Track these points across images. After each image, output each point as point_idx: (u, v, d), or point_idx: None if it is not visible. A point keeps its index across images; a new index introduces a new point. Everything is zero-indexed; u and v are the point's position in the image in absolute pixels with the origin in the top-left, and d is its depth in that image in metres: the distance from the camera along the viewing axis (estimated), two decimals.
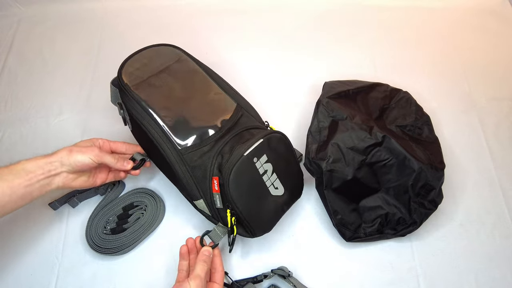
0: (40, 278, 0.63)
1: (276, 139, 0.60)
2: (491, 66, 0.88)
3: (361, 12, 0.96)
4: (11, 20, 0.94)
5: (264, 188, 0.58)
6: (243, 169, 0.56)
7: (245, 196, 0.56)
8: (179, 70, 0.65)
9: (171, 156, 0.59)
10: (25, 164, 0.53)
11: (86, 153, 0.57)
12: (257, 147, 0.57)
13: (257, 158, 0.57)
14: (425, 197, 0.65)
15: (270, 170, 0.58)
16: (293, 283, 0.61)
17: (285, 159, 0.61)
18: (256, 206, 0.58)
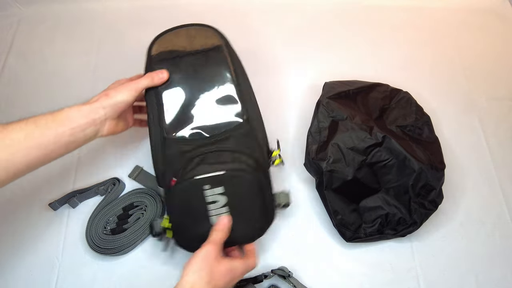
0: (40, 279, 0.63)
1: (245, 180, 0.55)
2: (491, 66, 0.88)
3: (361, 12, 0.96)
4: (11, 20, 0.94)
5: (204, 215, 0.55)
6: (187, 191, 0.55)
7: (180, 213, 0.56)
8: (209, 60, 0.62)
9: (155, 138, 0.59)
10: (68, 112, 0.52)
11: (122, 90, 0.56)
12: (215, 177, 0.54)
13: (210, 186, 0.54)
14: (425, 198, 0.65)
15: (222, 203, 0.55)
16: (293, 283, 0.61)
17: (246, 201, 0.56)
18: (190, 227, 0.57)
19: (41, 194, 0.70)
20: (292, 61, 0.88)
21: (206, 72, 0.61)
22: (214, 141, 0.58)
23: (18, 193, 0.71)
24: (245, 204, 0.56)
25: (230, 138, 0.58)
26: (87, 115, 0.53)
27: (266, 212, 0.58)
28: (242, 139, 0.58)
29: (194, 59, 0.61)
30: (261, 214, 0.58)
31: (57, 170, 0.74)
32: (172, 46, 0.63)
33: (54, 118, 0.51)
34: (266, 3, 0.97)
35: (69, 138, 0.51)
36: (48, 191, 0.70)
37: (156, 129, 0.59)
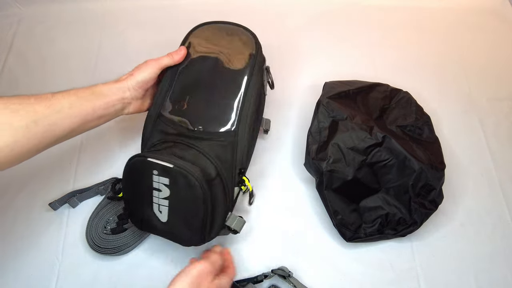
0: (40, 278, 0.63)
1: (189, 184, 0.52)
2: (491, 66, 0.88)
3: (361, 12, 0.96)
4: (11, 20, 0.94)
5: (149, 199, 0.55)
6: (139, 167, 0.54)
7: (131, 186, 0.57)
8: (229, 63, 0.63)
9: (153, 110, 0.62)
10: (102, 88, 0.58)
11: (144, 69, 0.60)
12: (164, 166, 0.52)
13: (158, 173, 0.53)
14: (425, 197, 0.65)
15: (165, 194, 0.54)
16: (293, 283, 0.61)
17: (187, 204, 0.54)
18: (136, 202, 0.58)
19: (41, 194, 0.70)
20: (292, 61, 0.88)
21: (224, 73, 0.63)
22: (193, 136, 0.58)
23: (18, 193, 0.71)
24: (185, 206, 0.54)
25: (209, 141, 0.58)
26: (116, 93, 0.58)
27: (206, 226, 0.55)
28: (218, 147, 0.58)
29: (222, 56, 0.64)
30: (199, 224, 0.54)
31: (57, 170, 0.74)
32: (210, 38, 0.66)
33: (92, 92, 0.57)
34: (266, 3, 0.97)
35: (103, 111, 0.57)
36: (48, 190, 0.70)
37: (159, 101, 0.62)
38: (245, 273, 0.63)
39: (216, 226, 0.56)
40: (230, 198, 0.59)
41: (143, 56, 0.89)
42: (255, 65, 0.63)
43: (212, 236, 0.57)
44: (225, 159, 0.58)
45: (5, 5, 0.95)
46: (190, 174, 0.51)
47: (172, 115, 0.60)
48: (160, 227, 0.57)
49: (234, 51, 0.64)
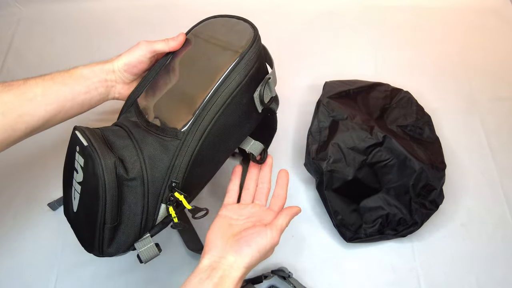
0: (39, 278, 0.63)
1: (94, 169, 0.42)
2: (492, 66, 0.88)
3: (361, 12, 0.96)
4: (11, 20, 0.94)
5: (70, 179, 0.48)
6: (71, 140, 0.49)
7: (66, 159, 0.51)
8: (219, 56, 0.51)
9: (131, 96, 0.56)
10: (83, 70, 0.53)
11: (135, 51, 0.55)
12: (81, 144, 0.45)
13: (78, 150, 0.45)
14: (426, 198, 0.64)
15: (79, 178, 0.46)
16: (293, 284, 0.61)
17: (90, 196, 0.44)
18: (64, 182, 0.52)
19: (40, 194, 0.70)
20: (292, 61, 0.88)
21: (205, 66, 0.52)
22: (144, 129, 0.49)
23: (17, 193, 0.71)
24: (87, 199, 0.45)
25: (153, 136, 0.48)
26: (99, 74, 0.53)
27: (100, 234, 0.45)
28: (157, 145, 0.47)
29: (212, 49, 0.53)
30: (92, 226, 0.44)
31: (56, 170, 0.73)
32: (210, 30, 0.57)
33: (70, 75, 0.51)
34: (266, 3, 0.97)
35: (84, 96, 0.52)
36: (47, 191, 0.70)
37: (138, 88, 0.55)
38: None
39: (120, 239, 0.46)
40: (148, 214, 0.47)
41: None
42: (238, 65, 0.49)
43: (111, 251, 0.46)
44: (159, 162, 0.46)
45: (4, 4, 0.95)
46: (99, 158, 0.42)
47: (142, 104, 0.53)
48: (72, 216, 0.49)
49: (226, 45, 0.52)
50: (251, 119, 0.54)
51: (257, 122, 0.56)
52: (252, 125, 0.55)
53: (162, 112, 0.50)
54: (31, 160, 0.75)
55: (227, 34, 0.55)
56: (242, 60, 0.49)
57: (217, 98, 0.48)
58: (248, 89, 0.51)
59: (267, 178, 0.57)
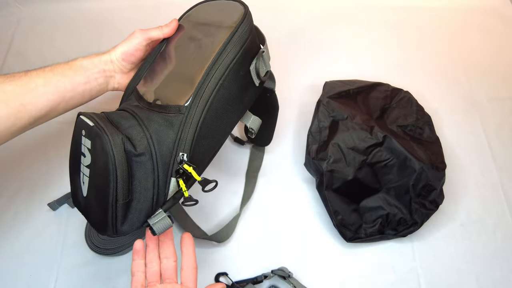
0: (40, 279, 0.63)
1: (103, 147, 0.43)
2: (492, 66, 0.88)
3: (361, 12, 0.96)
4: (11, 20, 0.94)
5: (77, 166, 0.48)
6: (76, 126, 0.49)
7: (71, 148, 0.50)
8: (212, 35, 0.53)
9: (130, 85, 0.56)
10: (82, 61, 0.54)
11: (131, 39, 0.56)
12: (89, 126, 0.45)
13: (84, 133, 0.46)
14: (426, 198, 0.64)
15: (87, 161, 0.46)
16: (293, 284, 0.61)
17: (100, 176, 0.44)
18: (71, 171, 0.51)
19: (40, 194, 0.70)
20: (292, 61, 0.88)
21: (200, 46, 0.53)
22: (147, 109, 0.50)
23: (17, 193, 0.71)
24: (98, 179, 0.45)
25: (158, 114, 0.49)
26: (98, 65, 0.54)
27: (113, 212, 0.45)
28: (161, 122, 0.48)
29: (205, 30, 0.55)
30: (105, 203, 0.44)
31: (56, 170, 0.73)
32: (201, 13, 0.60)
33: (69, 66, 0.53)
34: (266, 3, 0.97)
35: (84, 86, 0.53)
36: (47, 191, 0.70)
37: (137, 76, 0.56)
38: (244, 274, 0.63)
39: (133, 217, 0.46)
40: (159, 188, 0.47)
41: None
42: (231, 38, 0.51)
43: (124, 229, 0.46)
44: (165, 137, 0.47)
45: (4, 4, 0.95)
46: (106, 135, 0.43)
47: (142, 90, 0.54)
48: (82, 202, 0.49)
49: (219, 24, 0.54)
50: (250, 92, 0.56)
51: (255, 97, 0.58)
52: (251, 99, 0.57)
53: (163, 93, 0.51)
54: (31, 160, 0.75)
55: (218, 13, 0.56)
56: (236, 33, 0.51)
57: (215, 71, 0.50)
58: (244, 61, 0.53)
59: (171, 250, 0.49)
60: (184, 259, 0.48)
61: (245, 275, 0.63)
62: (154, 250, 0.50)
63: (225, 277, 0.63)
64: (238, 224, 0.67)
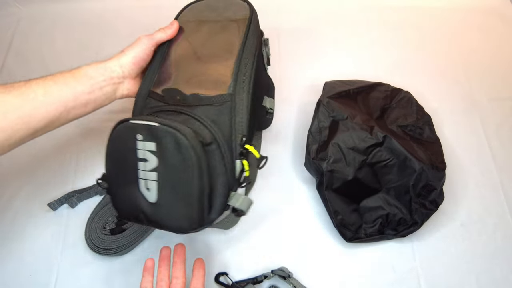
0: (39, 279, 0.63)
1: (179, 145, 0.44)
2: (492, 66, 0.88)
3: (361, 12, 0.96)
4: (10, 20, 0.94)
5: (133, 173, 0.47)
6: (122, 135, 0.48)
7: (114, 163, 0.49)
8: (225, 30, 0.58)
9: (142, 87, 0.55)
10: (86, 69, 0.51)
11: (139, 44, 0.55)
12: (150, 127, 0.45)
13: (142, 138, 0.45)
14: (426, 198, 0.64)
15: (152, 165, 0.46)
16: (293, 284, 0.61)
17: (179, 174, 0.45)
18: (120, 183, 0.49)
19: (40, 194, 0.70)
20: (292, 61, 0.88)
21: (216, 40, 0.57)
22: (185, 105, 0.51)
23: (17, 193, 0.71)
24: (177, 178, 0.45)
25: (202, 106, 0.50)
26: (103, 73, 0.52)
27: (205, 201, 0.46)
28: (212, 111, 0.50)
29: (213, 26, 0.59)
30: (195, 201, 0.45)
31: (56, 170, 0.73)
32: (201, 11, 0.62)
33: (72, 75, 0.50)
34: (266, 3, 0.97)
35: (88, 96, 0.51)
36: (47, 191, 0.70)
37: (148, 77, 0.56)
38: (244, 274, 0.63)
39: (216, 204, 0.47)
40: (231, 171, 0.49)
41: None
42: (250, 29, 0.57)
43: (212, 218, 0.48)
44: (222, 124, 0.49)
45: (4, 4, 0.95)
46: (179, 132, 0.44)
47: (162, 88, 0.54)
48: (148, 211, 0.47)
49: (226, 19, 0.59)
50: (264, 74, 0.66)
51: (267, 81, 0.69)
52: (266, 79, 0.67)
53: (195, 87, 0.52)
54: (31, 160, 0.75)
55: (221, 10, 0.61)
56: (250, 25, 0.58)
57: (246, 60, 0.54)
58: (259, 47, 0.59)
59: (181, 272, 0.52)
60: (194, 281, 0.51)
61: (245, 275, 0.63)
62: (165, 270, 0.52)
63: (225, 277, 0.63)
64: (238, 224, 0.67)
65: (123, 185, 0.49)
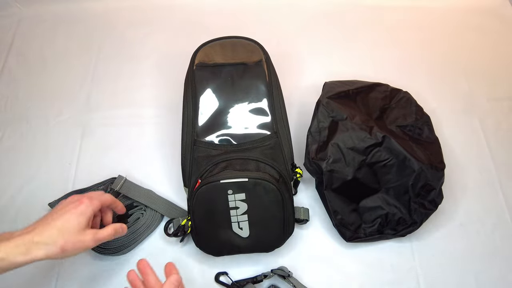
0: (40, 279, 0.63)
1: (266, 189, 0.57)
2: (491, 66, 0.88)
3: (361, 12, 0.96)
4: (11, 20, 0.94)
5: (226, 220, 0.58)
6: (212, 193, 0.57)
7: (204, 215, 0.58)
8: (247, 72, 0.66)
9: (186, 139, 0.62)
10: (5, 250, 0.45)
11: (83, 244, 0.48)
12: (239, 183, 0.56)
13: (232, 192, 0.57)
14: (425, 197, 0.65)
15: (243, 210, 0.58)
16: (293, 283, 0.61)
17: (266, 210, 0.59)
18: (211, 230, 0.59)
19: (41, 193, 0.70)
20: (292, 61, 0.88)
21: (243, 84, 0.65)
22: (241, 149, 0.61)
23: (18, 192, 0.71)
24: (264, 213, 0.58)
25: (257, 148, 0.61)
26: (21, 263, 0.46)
27: (285, 223, 0.60)
28: (268, 151, 0.62)
29: (234, 70, 0.66)
30: (280, 224, 0.60)
31: (57, 170, 0.74)
32: (215, 55, 0.68)
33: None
34: (266, 3, 0.98)
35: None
36: (48, 190, 0.70)
37: (189, 130, 0.62)
38: (244, 273, 0.63)
39: (291, 221, 0.61)
40: (291, 193, 0.62)
41: (143, 56, 0.89)
42: (269, 67, 0.68)
43: (290, 232, 0.62)
44: (277, 159, 0.62)
45: (5, 5, 0.95)
46: (265, 181, 0.57)
47: (210, 137, 0.62)
48: (242, 244, 0.60)
49: (243, 62, 0.67)
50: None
51: None
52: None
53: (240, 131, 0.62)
54: (32, 160, 0.75)
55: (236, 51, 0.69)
56: (269, 64, 0.69)
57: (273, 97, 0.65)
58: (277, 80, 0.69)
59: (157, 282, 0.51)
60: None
61: (245, 275, 0.63)
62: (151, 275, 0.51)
63: (225, 276, 0.63)
64: None
65: (215, 231, 0.59)
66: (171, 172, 0.72)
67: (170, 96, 0.81)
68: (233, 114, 0.63)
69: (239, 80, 0.65)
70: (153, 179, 0.72)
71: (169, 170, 0.73)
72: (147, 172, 0.73)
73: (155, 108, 0.81)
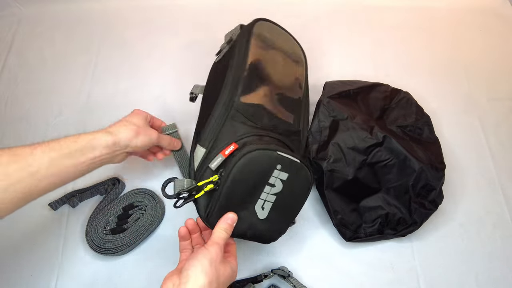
0: (40, 279, 0.63)
1: (305, 179, 0.53)
2: (491, 66, 0.88)
3: (361, 12, 0.96)
4: (11, 20, 0.94)
5: (256, 195, 0.52)
6: (263, 161, 0.50)
7: (239, 182, 0.50)
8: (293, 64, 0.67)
9: (224, 99, 0.56)
10: (93, 141, 0.51)
11: (150, 135, 0.57)
12: (291, 161, 0.51)
13: (281, 168, 0.51)
14: (425, 197, 0.65)
15: (277, 190, 0.52)
16: (293, 283, 0.61)
17: (293, 199, 0.54)
18: (234, 200, 0.51)
19: None
20: None
21: (289, 71, 0.65)
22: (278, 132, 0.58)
23: None
24: (290, 201, 0.54)
25: (293, 138, 0.60)
26: (110, 146, 0.53)
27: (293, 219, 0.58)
28: (297, 145, 0.61)
29: (282, 55, 0.66)
30: (292, 218, 0.57)
31: None
32: (271, 34, 0.67)
33: (78, 145, 0.50)
34: (266, 3, 0.98)
35: (87, 167, 0.51)
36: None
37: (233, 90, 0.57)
38: (245, 273, 0.63)
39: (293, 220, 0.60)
40: None
41: (143, 56, 0.89)
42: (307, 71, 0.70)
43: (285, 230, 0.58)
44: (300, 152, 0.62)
45: (5, 5, 0.95)
46: (309, 170, 0.53)
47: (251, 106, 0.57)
48: (253, 224, 0.53)
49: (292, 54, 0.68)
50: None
51: None
52: None
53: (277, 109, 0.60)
54: None
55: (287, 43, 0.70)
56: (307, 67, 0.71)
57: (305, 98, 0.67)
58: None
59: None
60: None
61: (245, 275, 0.63)
62: (198, 237, 0.56)
63: None
64: None
65: (238, 203, 0.52)
66: (171, 172, 0.72)
67: (170, 96, 0.81)
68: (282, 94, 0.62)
69: (287, 67, 0.66)
70: (153, 179, 0.72)
71: (169, 170, 0.73)
72: (147, 172, 0.72)
73: (155, 108, 0.80)
